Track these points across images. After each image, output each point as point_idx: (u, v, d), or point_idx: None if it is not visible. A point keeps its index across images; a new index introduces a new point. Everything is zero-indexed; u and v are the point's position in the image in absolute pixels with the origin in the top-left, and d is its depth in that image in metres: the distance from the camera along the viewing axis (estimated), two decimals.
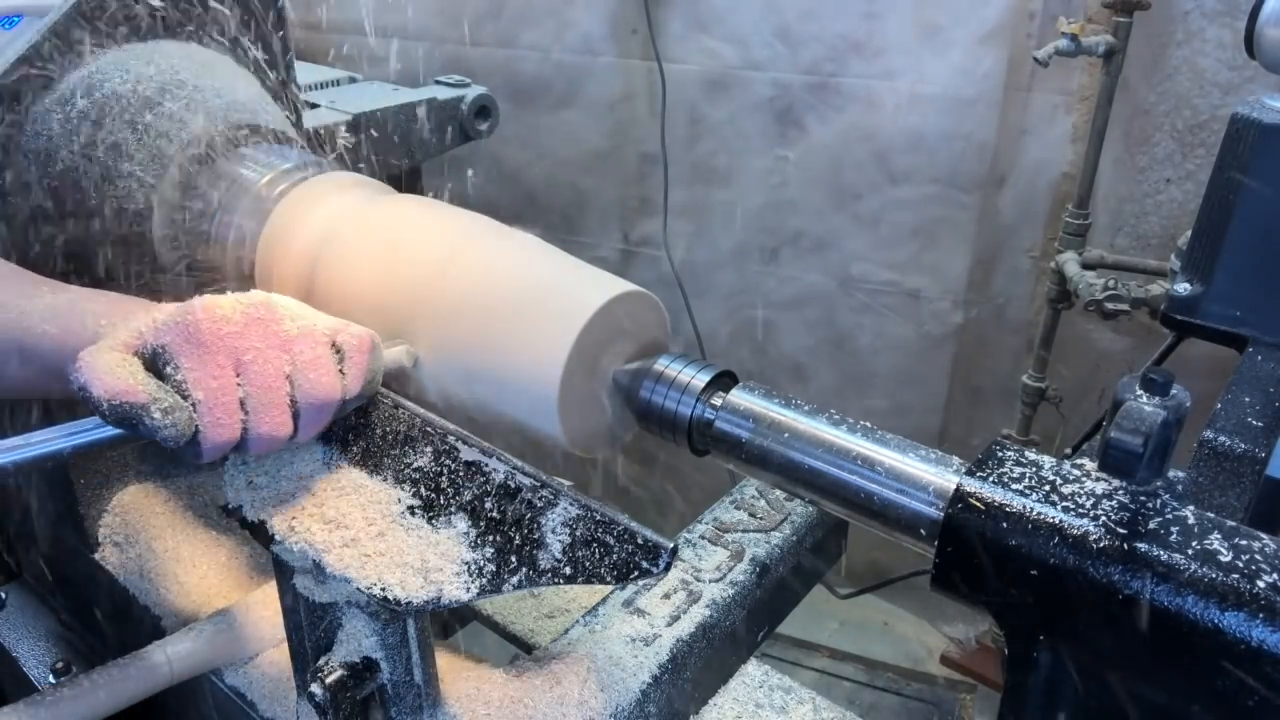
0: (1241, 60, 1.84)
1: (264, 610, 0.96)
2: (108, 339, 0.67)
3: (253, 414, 0.68)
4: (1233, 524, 0.57)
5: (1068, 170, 2.20)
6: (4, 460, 0.66)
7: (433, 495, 0.73)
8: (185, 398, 0.66)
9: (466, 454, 0.73)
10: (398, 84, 1.88)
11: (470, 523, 0.71)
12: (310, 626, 0.77)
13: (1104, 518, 0.58)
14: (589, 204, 2.73)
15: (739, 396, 0.77)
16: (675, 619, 0.91)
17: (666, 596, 0.94)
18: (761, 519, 1.05)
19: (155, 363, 0.67)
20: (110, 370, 0.64)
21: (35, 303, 0.76)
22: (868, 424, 0.73)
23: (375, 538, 0.72)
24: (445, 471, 0.74)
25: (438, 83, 1.84)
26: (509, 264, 0.83)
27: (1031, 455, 0.65)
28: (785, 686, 0.95)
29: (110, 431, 0.67)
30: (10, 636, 1.25)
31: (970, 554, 0.62)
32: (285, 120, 1.08)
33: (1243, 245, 1.05)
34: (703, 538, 1.02)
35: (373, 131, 1.63)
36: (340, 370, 0.72)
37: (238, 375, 0.68)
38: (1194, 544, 0.55)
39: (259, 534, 0.75)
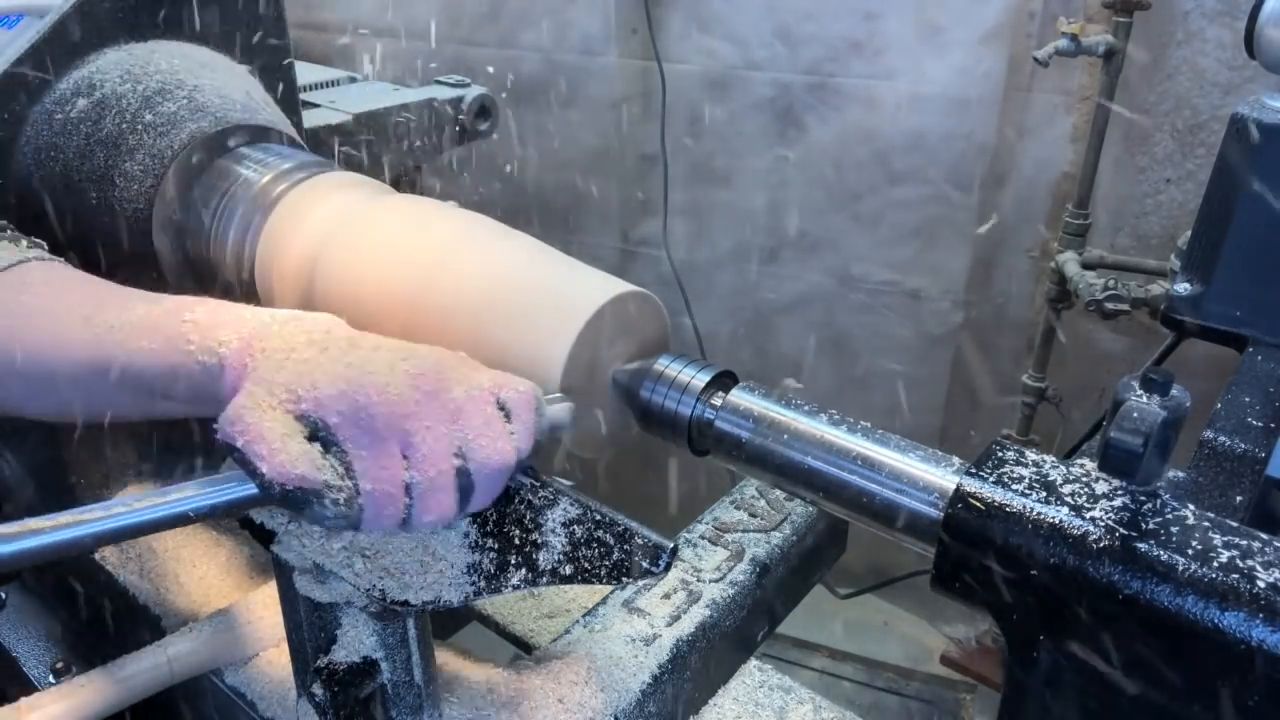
0: (1241, 60, 1.84)
1: (264, 610, 0.96)
2: (255, 390, 0.61)
3: (418, 500, 0.63)
4: (1233, 524, 0.57)
5: (1068, 170, 2.20)
6: (138, 519, 0.60)
7: None
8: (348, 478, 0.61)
9: None
10: (398, 84, 1.88)
11: (470, 523, 0.71)
12: (310, 626, 0.77)
13: (1104, 518, 0.58)
14: (589, 204, 2.73)
15: (739, 396, 0.77)
16: (675, 619, 0.91)
17: (666, 596, 0.94)
18: (761, 519, 1.05)
19: (315, 435, 0.61)
20: (280, 444, 0.58)
21: (129, 315, 0.70)
22: (868, 424, 0.73)
23: (375, 538, 0.72)
24: None
25: (438, 83, 1.84)
26: (508, 264, 0.83)
27: (1031, 455, 0.65)
28: (785, 686, 0.95)
29: (257, 495, 0.61)
30: (10, 636, 1.25)
31: (970, 554, 0.62)
32: (285, 120, 1.08)
33: (1243, 245, 1.05)
34: (703, 538, 1.02)
35: (373, 131, 1.63)
36: (510, 432, 0.66)
37: (404, 456, 0.62)
38: (1194, 544, 0.55)
39: (259, 534, 0.75)
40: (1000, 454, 0.66)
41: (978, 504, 0.61)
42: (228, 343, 0.65)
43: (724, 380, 0.79)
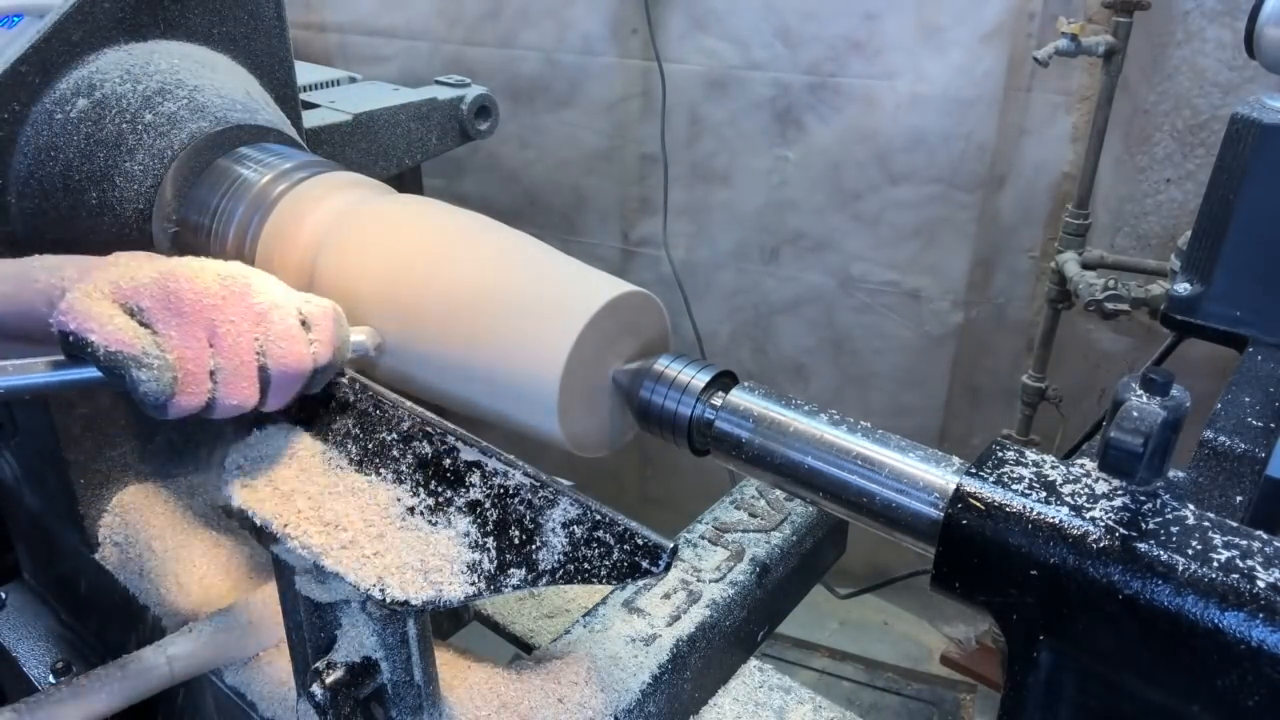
0: (1241, 60, 1.84)
1: (264, 610, 0.96)
2: (85, 286, 0.69)
3: (222, 384, 0.71)
4: (1233, 524, 0.57)
5: (1068, 170, 2.20)
6: None
7: (433, 495, 0.73)
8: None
9: (466, 454, 0.73)
10: (398, 84, 1.88)
11: (470, 523, 0.71)
12: (310, 626, 0.77)
13: (1104, 518, 0.58)
14: (589, 204, 2.73)
15: (739, 396, 0.77)
16: (675, 619, 0.91)
17: (666, 596, 0.94)
18: (761, 519, 1.05)
19: (134, 319, 0.70)
20: (107, 318, 0.67)
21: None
22: (868, 424, 0.73)
23: (375, 538, 0.72)
24: (445, 471, 0.74)
25: (438, 83, 1.84)
26: (509, 264, 0.83)
27: (1031, 455, 0.65)
28: (785, 686, 0.95)
29: (86, 374, 0.69)
30: (10, 636, 1.25)
31: (970, 554, 0.62)
32: (285, 120, 1.08)
33: (1243, 245, 1.05)
34: (703, 538, 1.02)
35: (373, 131, 1.63)
36: (310, 341, 0.75)
37: (211, 345, 0.71)
38: (1194, 544, 0.55)
39: (259, 534, 0.75)
40: (1000, 454, 0.66)
41: (978, 504, 0.61)
42: (70, 276, 0.73)
43: (724, 380, 0.79)
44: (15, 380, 0.69)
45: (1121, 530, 0.57)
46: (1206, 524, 0.57)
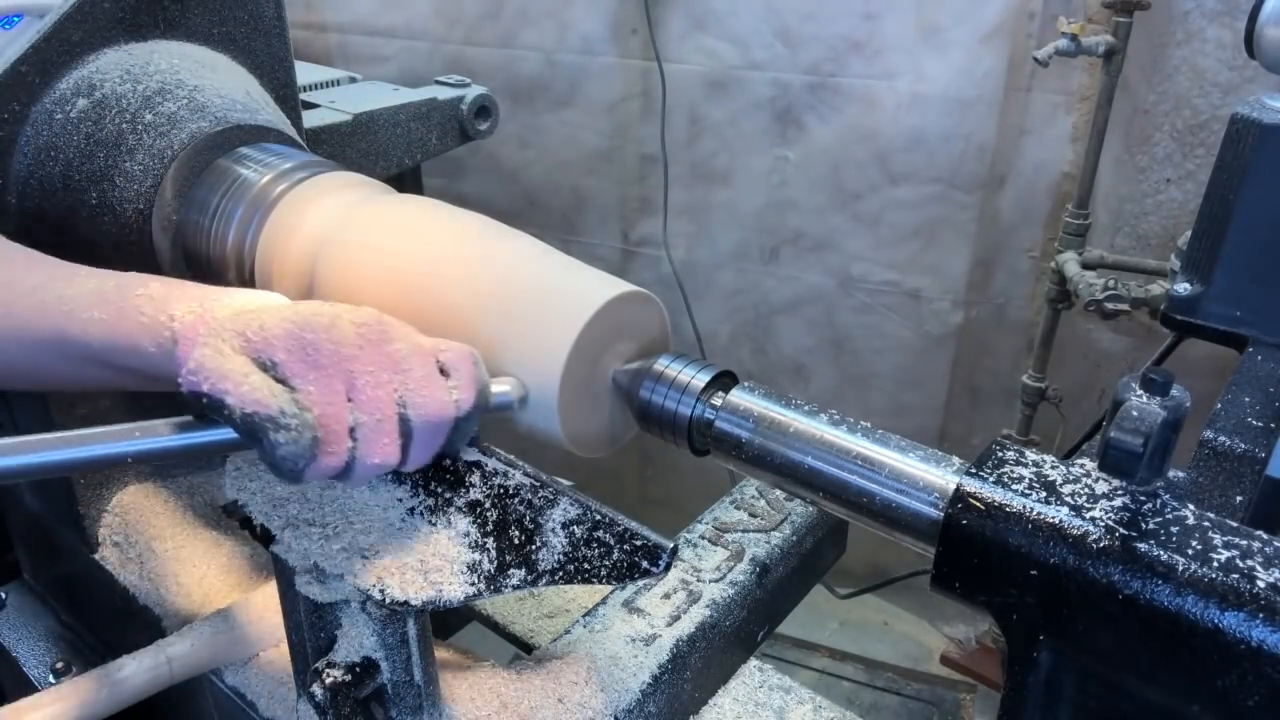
0: (1241, 60, 1.84)
1: (264, 610, 0.96)
2: (212, 340, 0.64)
3: (362, 441, 0.65)
4: (1233, 524, 0.57)
5: (1068, 170, 2.20)
6: (119, 450, 0.64)
7: (432, 495, 0.73)
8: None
9: (466, 454, 0.73)
10: (398, 84, 1.88)
11: (470, 523, 0.71)
12: (310, 626, 0.77)
13: (1104, 518, 0.58)
14: (589, 204, 2.73)
15: (739, 396, 0.77)
16: (675, 619, 0.91)
17: (666, 596, 0.94)
18: (761, 519, 1.05)
19: (266, 373, 0.64)
20: (242, 377, 0.61)
21: (78, 286, 0.72)
22: (868, 424, 0.73)
23: (375, 538, 0.72)
24: (445, 471, 0.74)
25: (438, 83, 1.84)
26: (508, 264, 0.83)
27: (1031, 455, 0.65)
28: (785, 686, 0.95)
29: (223, 437, 0.65)
30: (10, 636, 1.25)
31: (970, 554, 0.62)
32: (285, 120, 1.08)
33: (1243, 245, 1.05)
34: (703, 538, 1.02)
35: (373, 131, 1.63)
36: (451, 387, 0.69)
37: (349, 399, 0.65)
38: (1194, 544, 0.55)
39: (259, 534, 0.75)
40: (1000, 454, 0.66)
41: (978, 504, 0.61)
42: (181, 317, 0.67)
43: (724, 380, 0.79)
44: (143, 445, 0.64)
45: (1121, 530, 0.57)
46: (1206, 524, 0.57)
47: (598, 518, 0.68)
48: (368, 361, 0.66)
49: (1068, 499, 0.60)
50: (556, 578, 0.69)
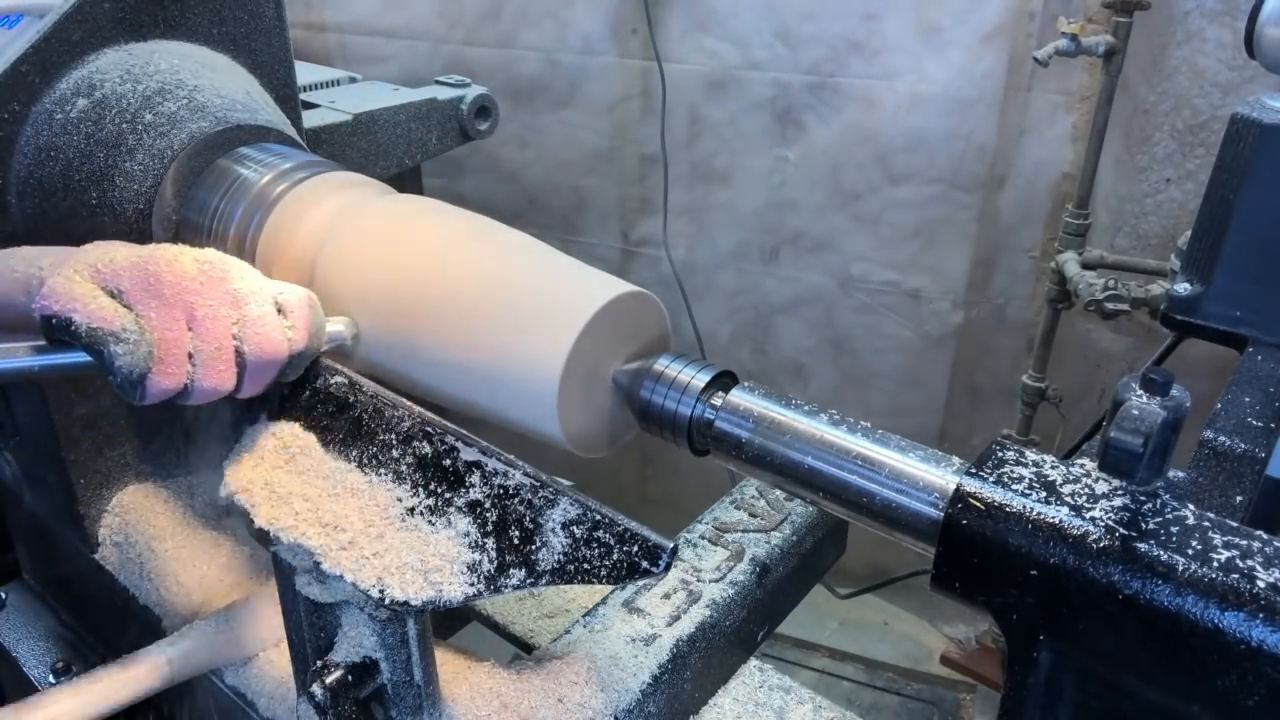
0: (1241, 60, 1.84)
1: (264, 610, 0.96)
2: (65, 270, 0.70)
3: (199, 367, 0.72)
4: (1233, 524, 0.57)
5: (1068, 170, 2.20)
6: None
7: (433, 495, 0.73)
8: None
9: (466, 454, 0.73)
10: (398, 84, 1.88)
11: (470, 523, 0.71)
12: (310, 626, 0.77)
13: (1104, 518, 0.58)
14: (589, 204, 2.73)
15: (739, 396, 0.77)
16: (675, 619, 0.91)
17: (666, 596, 0.94)
18: (761, 519, 1.05)
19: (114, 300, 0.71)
20: (90, 297, 0.68)
21: None
22: (868, 424, 0.73)
23: (375, 539, 0.72)
24: (445, 471, 0.74)
25: (438, 83, 1.84)
26: (508, 264, 0.83)
27: (1031, 455, 0.65)
28: (785, 686, 0.95)
29: (70, 358, 0.70)
30: (10, 636, 1.25)
31: (970, 554, 0.62)
32: (285, 120, 1.08)
33: (1243, 245, 1.05)
34: (703, 538, 1.02)
35: (373, 131, 1.63)
36: (287, 327, 0.76)
37: (189, 328, 0.72)
38: (1194, 544, 0.55)
39: (259, 534, 0.75)
40: (1000, 454, 0.66)
41: (978, 504, 0.61)
42: (49, 266, 0.74)
43: (724, 380, 0.79)
44: (10, 364, 0.69)
45: (1121, 530, 0.57)
46: (1206, 524, 0.57)
47: (598, 518, 0.68)
48: (207, 295, 0.73)
49: (1068, 499, 0.60)
50: (556, 578, 0.69)
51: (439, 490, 0.73)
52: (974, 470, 0.64)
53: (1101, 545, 0.56)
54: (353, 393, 0.79)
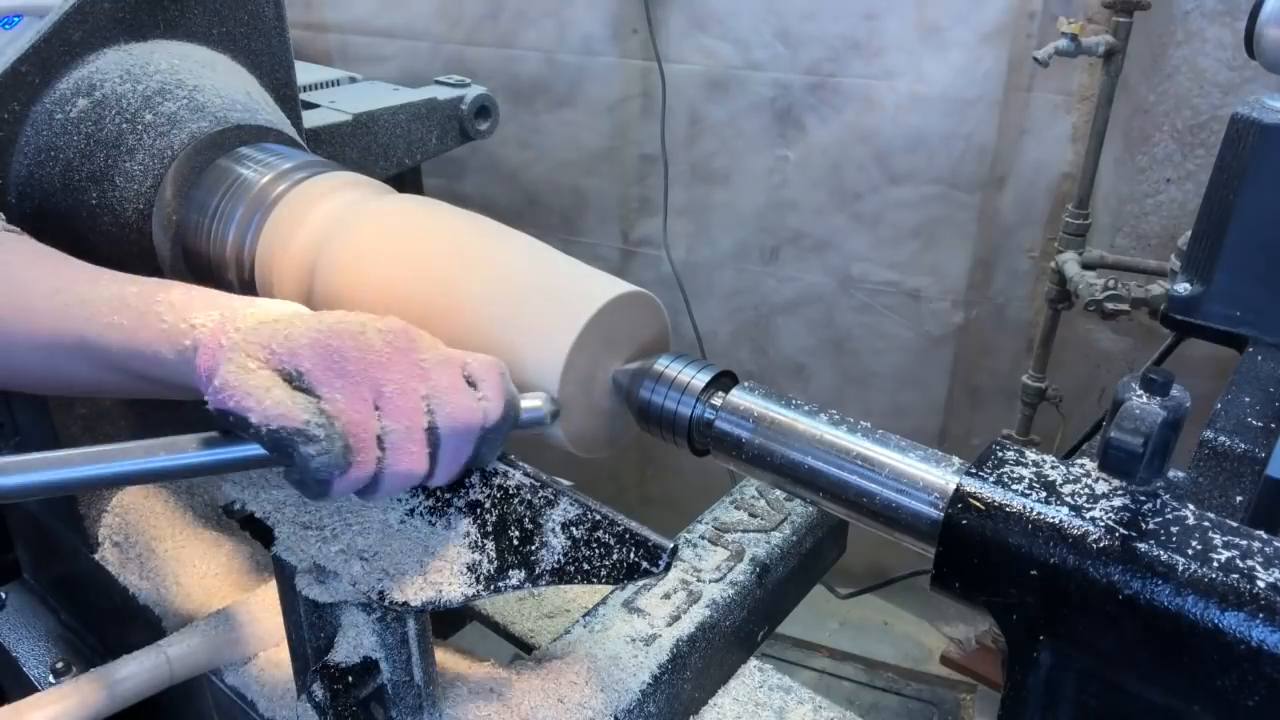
0: (1241, 60, 1.84)
1: (264, 610, 0.96)
2: (235, 355, 0.62)
3: (390, 451, 0.63)
4: (1233, 524, 0.57)
5: (1068, 170, 2.20)
6: (144, 468, 0.62)
7: (432, 495, 0.73)
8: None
9: None
10: (398, 84, 1.88)
11: (470, 523, 0.71)
12: (310, 626, 0.77)
13: (1104, 518, 0.58)
14: (589, 204, 2.73)
15: (739, 396, 0.77)
16: (675, 619, 0.91)
17: (666, 596, 0.94)
18: (761, 519, 1.05)
19: (293, 384, 0.62)
20: (264, 391, 0.60)
21: (99, 291, 0.70)
22: (867, 424, 0.73)
23: (375, 539, 0.72)
24: None
25: (438, 83, 1.84)
26: (508, 264, 0.83)
27: (1031, 455, 0.65)
28: (785, 686, 0.95)
29: (251, 452, 0.63)
30: (10, 636, 1.25)
31: (970, 554, 0.62)
32: (285, 120, 1.08)
33: (1243, 245, 1.05)
34: (703, 538, 1.02)
35: (373, 131, 1.63)
36: (479, 397, 0.68)
37: (376, 408, 0.63)
38: (1194, 544, 0.55)
39: (259, 534, 0.75)
40: (1000, 454, 0.66)
41: (978, 504, 0.61)
42: (202, 325, 0.65)
43: (724, 380, 0.79)
44: (168, 462, 0.63)
45: (1121, 530, 0.57)
46: (1206, 524, 0.57)
47: (598, 518, 0.68)
48: (395, 370, 0.64)
49: (1068, 499, 0.60)
50: (556, 578, 0.69)
51: (438, 490, 0.73)
52: (974, 470, 0.64)
53: (1101, 545, 0.56)
54: None
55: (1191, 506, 0.59)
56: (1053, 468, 0.64)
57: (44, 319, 0.71)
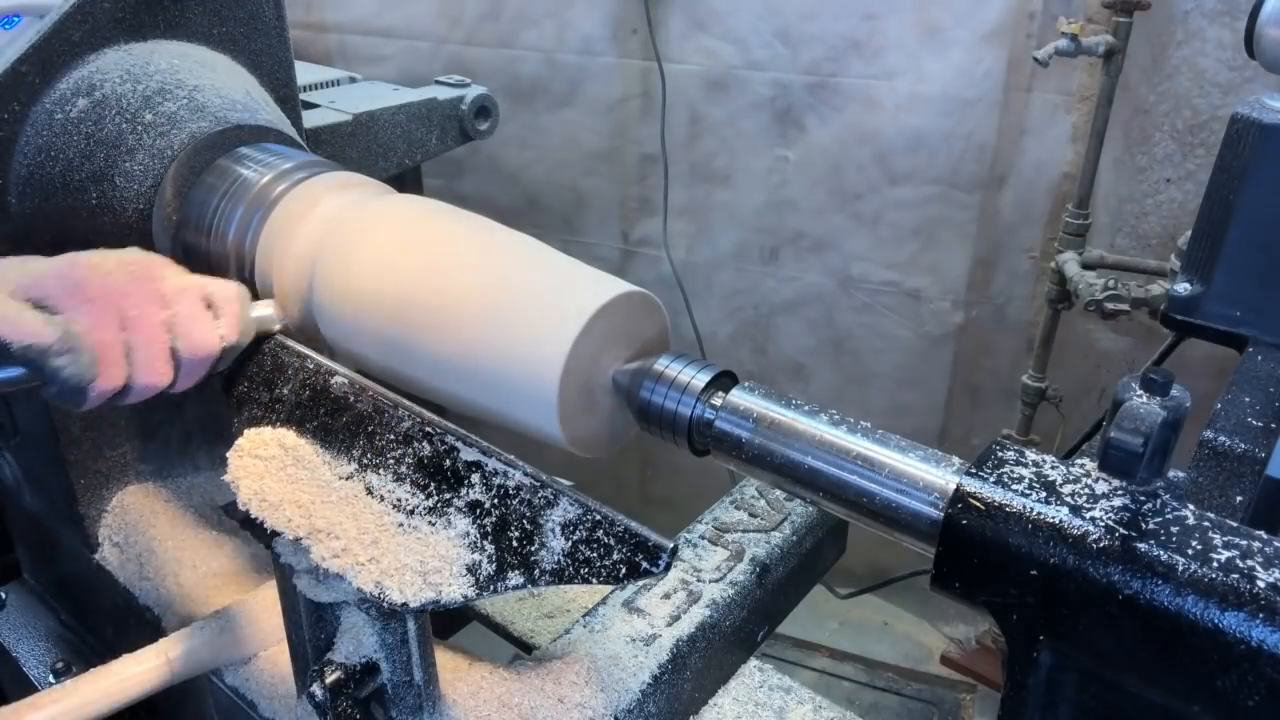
0: (1241, 60, 1.84)
1: (264, 610, 0.96)
2: None
3: (136, 365, 0.73)
4: (1233, 524, 0.57)
5: (1068, 170, 2.20)
6: None
7: (432, 496, 0.73)
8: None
9: (466, 454, 0.73)
10: (398, 84, 1.88)
11: (470, 523, 0.71)
12: (310, 626, 0.77)
13: (1104, 518, 0.58)
14: (589, 204, 2.73)
15: (739, 396, 0.77)
16: (675, 619, 0.91)
17: (666, 596, 0.94)
18: (761, 519, 1.05)
19: (40, 310, 0.70)
20: (15, 313, 0.68)
21: None
22: (867, 424, 0.73)
23: (375, 539, 0.72)
24: (445, 472, 0.74)
25: (438, 83, 1.84)
26: (508, 264, 0.83)
27: (1031, 455, 0.65)
28: (785, 686, 0.95)
29: (9, 374, 0.69)
30: (10, 636, 1.25)
31: (970, 554, 0.62)
32: (285, 120, 1.08)
33: (1243, 245, 1.05)
34: (703, 538, 1.02)
35: (373, 131, 1.63)
36: (217, 324, 0.78)
37: (122, 329, 0.72)
38: (1194, 544, 0.55)
39: (259, 534, 0.75)
40: (1000, 454, 0.66)
41: (978, 504, 0.61)
42: None
43: (724, 380, 0.79)
44: None
45: (1121, 530, 0.57)
46: (1206, 524, 0.57)
47: (597, 518, 0.68)
48: (137, 295, 0.74)
49: (1068, 499, 0.60)
50: (556, 578, 0.68)
51: (439, 491, 0.73)
52: (974, 470, 0.64)
53: (1101, 545, 0.56)
54: (353, 393, 0.79)
55: (1191, 506, 0.59)
56: (1053, 468, 0.64)
57: None
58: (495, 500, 0.71)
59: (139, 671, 0.89)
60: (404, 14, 2.63)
